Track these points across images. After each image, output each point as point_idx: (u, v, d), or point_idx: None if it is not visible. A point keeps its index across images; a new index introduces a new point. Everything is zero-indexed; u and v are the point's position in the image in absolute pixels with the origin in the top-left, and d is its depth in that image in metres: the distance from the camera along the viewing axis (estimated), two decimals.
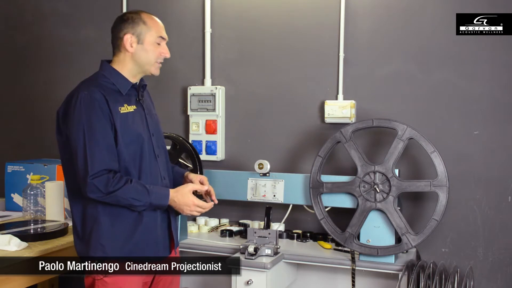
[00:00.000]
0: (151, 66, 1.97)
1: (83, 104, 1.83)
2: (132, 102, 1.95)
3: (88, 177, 1.79)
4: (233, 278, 2.30)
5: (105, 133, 1.83)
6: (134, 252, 1.90)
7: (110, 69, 1.96)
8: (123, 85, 1.94)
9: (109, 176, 1.82)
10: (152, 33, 1.94)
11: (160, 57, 1.98)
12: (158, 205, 1.92)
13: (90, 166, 1.79)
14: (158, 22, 1.99)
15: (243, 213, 2.91)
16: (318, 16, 2.74)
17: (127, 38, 1.93)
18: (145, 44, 1.94)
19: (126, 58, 1.96)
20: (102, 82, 1.91)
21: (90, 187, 1.80)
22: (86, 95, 1.84)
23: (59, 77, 3.37)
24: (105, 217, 1.88)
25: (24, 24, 3.46)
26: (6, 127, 3.54)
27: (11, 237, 2.15)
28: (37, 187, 2.70)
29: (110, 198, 1.82)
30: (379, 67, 2.64)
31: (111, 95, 1.88)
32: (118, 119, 1.86)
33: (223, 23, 2.93)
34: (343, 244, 2.36)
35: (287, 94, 2.82)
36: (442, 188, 2.24)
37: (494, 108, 2.46)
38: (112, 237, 1.88)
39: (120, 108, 1.89)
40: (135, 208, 1.88)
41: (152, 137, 1.99)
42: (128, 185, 1.84)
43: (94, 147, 1.80)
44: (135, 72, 1.97)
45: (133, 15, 1.96)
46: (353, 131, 2.37)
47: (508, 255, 2.45)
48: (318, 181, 2.41)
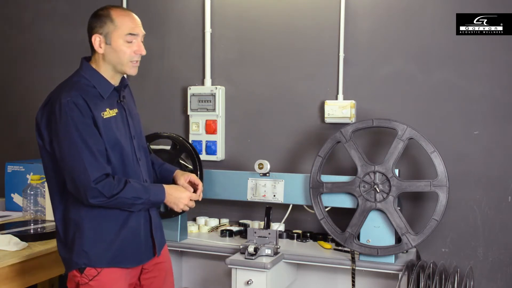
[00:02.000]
0: (124, 66, 1.88)
1: (68, 112, 1.76)
2: (114, 105, 1.89)
3: (91, 182, 1.75)
4: (233, 278, 2.30)
5: (96, 139, 1.79)
6: (118, 255, 1.88)
7: (90, 70, 1.89)
8: (105, 89, 1.87)
9: (109, 179, 1.79)
10: (120, 32, 1.84)
11: (134, 56, 1.87)
12: (156, 202, 1.91)
13: (90, 172, 1.75)
14: (128, 18, 1.87)
15: (243, 213, 2.91)
16: (318, 16, 2.74)
17: (95, 39, 1.86)
18: (113, 44, 1.84)
19: (99, 58, 1.88)
20: (83, 86, 1.84)
21: (93, 192, 1.76)
22: (68, 102, 1.77)
23: (59, 77, 3.35)
24: (88, 222, 1.84)
25: (24, 24, 3.46)
26: (6, 127, 3.54)
27: (11, 237, 2.16)
28: (37, 187, 2.71)
29: (114, 201, 1.80)
30: (379, 67, 2.64)
31: (92, 100, 1.82)
32: (101, 124, 1.81)
33: (223, 23, 2.93)
34: (343, 244, 2.36)
35: (287, 94, 2.82)
36: (442, 188, 2.24)
37: (494, 108, 2.46)
38: (95, 243, 1.85)
39: (102, 113, 1.83)
40: (134, 207, 1.87)
41: (133, 140, 1.95)
42: (128, 185, 1.83)
43: (89, 153, 1.76)
44: (111, 73, 1.90)
45: (102, 12, 1.86)
46: (353, 131, 2.37)
47: (508, 255, 2.45)
48: (318, 181, 2.41)
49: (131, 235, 1.91)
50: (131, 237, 1.91)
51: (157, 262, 2.05)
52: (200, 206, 2.42)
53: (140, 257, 1.96)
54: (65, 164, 1.79)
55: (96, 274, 1.85)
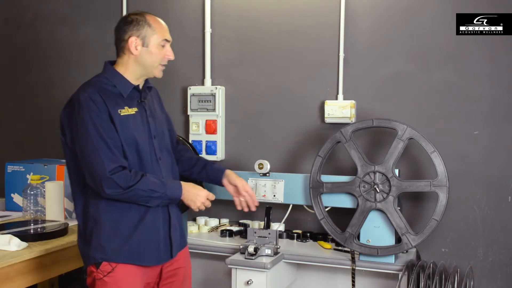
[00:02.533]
0: (155, 69, 1.97)
1: (85, 107, 1.83)
2: (133, 104, 1.95)
3: (106, 173, 1.79)
4: (233, 278, 2.30)
5: (112, 134, 1.84)
6: (135, 251, 1.90)
7: (112, 71, 1.95)
8: (124, 88, 1.93)
9: (126, 171, 1.83)
10: (157, 36, 1.93)
11: (164, 60, 1.98)
12: (172, 197, 1.92)
13: (106, 164, 1.80)
14: (163, 25, 1.98)
15: (243, 213, 2.90)
16: (318, 16, 2.74)
17: (131, 41, 1.92)
18: (150, 47, 1.93)
19: (130, 60, 1.95)
20: (103, 85, 1.91)
21: (109, 183, 1.80)
22: (86, 98, 1.84)
23: (59, 77, 3.37)
24: (106, 217, 1.88)
25: (24, 24, 3.46)
26: (6, 127, 3.54)
27: (11, 237, 2.15)
28: (37, 187, 2.70)
29: (129, 193, 1.83)
30: (379, 67, 2.64)
31: (111, 98, 1.88)
32: (118, 120, 1.86)
33: (223, 23, 2.93)
34: (343, 244, 2.36)
35: (287, 94, 2.82)
36: (442, 188, 2.24)
37: (494, 108, 2.46)
38: (112, 238, 1.88)
39: (120, 110, 1.89)
40: (150, 202, 1.88)
41: (153, 139, 1.98)
42: (145, 178, 1.86)
43: (106, 146, 1.81)
44: (138, 75, 1.97)
45: (138, 17, 1.94)
46: (353, 131, 2.37)
47: (508, 255, 2.45)
48: (318, 181, 2.41)
49: (148, 232, 1.93)
50: (149, 234, 1.93)
51: (177, 267, 2.06)
52: None
53: (158, 257, 1.97)
54: (83, 158, 1.84)
55: (111, 270, 1.88)
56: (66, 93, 3.34)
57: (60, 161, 3.01)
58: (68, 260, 2.32)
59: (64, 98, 3.32)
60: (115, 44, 1.99)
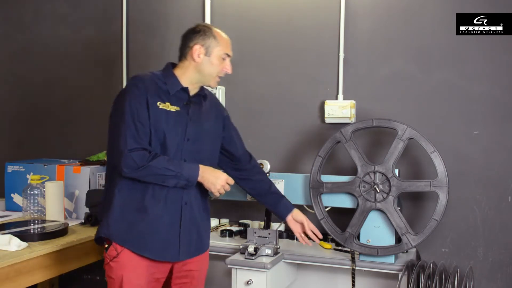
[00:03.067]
0: (212, 79, 2.05)
1: (128, 90, 1.95)
2: (178, 104, 2.01)
3: (126, 150, 1.87)
4: (233, 278, 2.30)
5: (143, 119, 1.92)
6: (138, 241, 1.94)
7: (169, 70, 2.05)
8: (173, 86, 2.01)
9: (145, 152, 1.90)
10: (220, 48, 2.03)
11: (222, 72, 2.06)
12: (189, 178, 1.95)
13: (129, 142, 1.88)
14: (227, 39, 2.08)
15: (243, 213, 2.91)
16: (318, 16, 2.74)
17: (196, 49, 2.01)
18: (211, 57, 2.02)
19: (190, 66, 2.03)
20: (153, 78, 2.00)
21: (127, 159, 1.87)
22: (131, 84, 1.96)
23: (59, 77, 3.38)
24: (119, 198, 1.95)
25: (24, 24, 3.46)
26: (6, 127, 3.54)
27: (11, 237, 2.15)
28: (37, 187, 2.71)
29: (144, 171, 1.88)
30: (379, 67, 2.64)
31: (155, 89, 1.97)
32: (152, 111, 1.93)
33: (223, 23, 2.93)
34: (343, 244, 2.36)
35: (287, 94, 2.82)
36: (442, 188, 2.24)
37: (494, 108, 2.46)
38: (119, 219, 1.94)
39: (159, 103, 1.96)
40: (166, 181, 1.92)
41: (184, 141, 2.01)
42: (161, 157, 1.92)
43: (134, 126, 1.90)
44: (194, 81, 2.04)
45: (205, 28, 2.05)
46: (353, 131, 2.37)
47: (508, 255, 2.46)
48: (318, 181, 2.41)
49: (152, 225, 1.95)
50: (153, 227, 1.95)
51: (190, 269, 2.07)
52: None
53: (163, 253, 1.98)
54: (112, 135, 1.95)
55: (116, 256, 1.94)
56: (66, 93, 3.37)
57: (60, 161, 3.02)
58: (68, 260, 2.32)
59: (64, 98, 3.36)
60: (180, 50, 2.06)
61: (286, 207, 2.26)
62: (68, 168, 2.78)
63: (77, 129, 3.32)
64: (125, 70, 3.16)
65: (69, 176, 2.76)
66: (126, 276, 1.92)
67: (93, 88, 3.27)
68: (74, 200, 2.75)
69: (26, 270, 2.12)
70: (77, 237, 2.36)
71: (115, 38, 3.18)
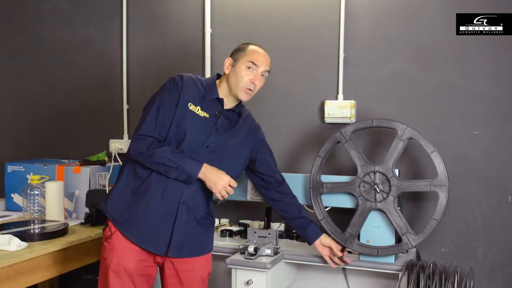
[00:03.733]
0: (239, 90, 2.05)
1: (167, 83, 2.04)
2: (208, 111, 2.05)
3: (138, 134, 1.97)
4: (233, 278, 2.30)
5: (168, 113, 1.99)
6: (129, 224, 1.98)
7: (212, 79, 2.13)
8: (209, 93, 2.07)
9: (154, 140, 1.97)
10: (245, 59, 2.05)
11: (249, 84, 2.05)
12: (189, 172, 1.97)
13: (143, 128, 1.97)
14: (260, 53, 2.08)
15: (243, 213, 2.91)
16: (318, 16, 2.74)
17: (226, 61, 2.11)
18: (236, 67, 2.06)
19: (224, 78, 2.12)
20: (195, 80, 2.08)
21: (136, 142, 1.97)
22: (172, 78, 2.05)
23: (59, 77, 3.38)
24: (123, 179, 2.03)
25: (24, 24, 3.46)
26: (6, 127, 3.54)
27: (11, 237, 2.16)
28: (37, 187, 2.71)
29: (148, 156, 1.95)
30: (379, 67, 2.64)
31: (191, 91, 2.04)
32: (181, 109, 2.00)
33: (223, 23, 2.93)
34: (343, 244, 2.36)
35: (287, 94, 2.82)
36: (442, 188, 2.24)
37: (494, 108, 2.46)
38: (117, 198, 2.02)
39: (190, 104, 2.02)
40: (168, 172, 1.95)
41: (204, 148, 2.03)
42: (168, 147, 1.97)
43: (154, 117, 1.98)
44: (226, 92, 2.09)
45: (243, 45, 2.12)
46: (353, 131, 2.37)
47: (508, 255, 2.46)
48: (318, 181, 2.41)
49: (145, 211, 1.99)
50: (145, 213, 1.99)
51: (192, 269, 2.08)
52: None
53: (148, 242, 2.00)
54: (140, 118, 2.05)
55: (109, 236, 2.00)
56: (66, 93, 3.37)
57: (60, 161, 3.02)
58: (68, 260, 2.32)
59: (64, 98, 3.36)
60: None
61: (315, 232, 2.30)
62: (68, 168, 2.78)
63: (77, 129, 3.32)
64: (125, 70, 3.16)
65: (69, 176, 2.76)
66: (116, 258, 1.97)
67: (93, 88, 3.27)
68: (74, 200, 2.76)
69: (26, 270, 2.12)
70: (77, 237, 2.36)
71: (115, 38, 3.19)
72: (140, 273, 2.00)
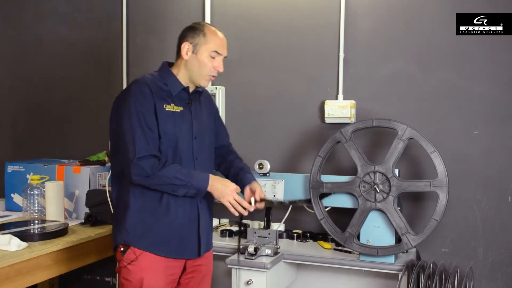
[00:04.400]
0: (201, 77, 2.02)
1: (133, 96, 1.92)
2: (181, 104, 2.02)
3: (135, 158, 1.87)
4: (233, 278, 2.30)
5: (151, 125, 1.92)
6: (157, 241, 1.96)
7: (166, 70, 2.05)
8: (174, 87, 2.01)
9: (155, 160, 1.90)
10: (208, 46, 1.99)
11: (213, 71, 2.02)
12: (198, 188, 1.95)
13: (138, 149, 1.88)
14: (219, 37, 2.03)
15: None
16: (318, 16, 2.74)
17: (184, 46, 2.01)
18: (198, 54, 2.00)
19: (182, 64, 2.03)
20: (155, 80, 2.00)
21: (136, 168, 1.87)
22: (135, 88, 1.94)
23: (59, 77, 3.37)
24: (135, 203, 1.96)
25: (24, 24, 3.46)
26: (6, 127, 3.54)
27: (11, 237, 2.15)
28: (37, 187, 2.70)
29: (154, 179, 1.89)
30: (379, 67, 2.64)
31: (159, 92, 1.97)
32: (161, 114, 1.94)
33: (223, 23, 2.93)
34: (343, 244, 2.36)
35: (287, 94, 2.82)
36: (442, 188, 2.24)
37: (494, 108, 2.46)
38: (137, 224, 1.95)
39: (165, 105, 1.97)
40: (177, 190, 1.92)
41: (193, 140, 2.03)
42: (172, 166, 1.92)
43: (142, 134, 1.89)
44: (187, 79, 2.04)
45: (198, 26, 2.03)
46: (353, 131, 2.37)
47: (508, 255, 2.45)
48: (318, 181, 2.41)
49: (172, 225, 1.98)
50: (172, 226, 1.98)
51: (198, 264, 2.10)
52: None
53: (182, 250, 2.01)
54: (121, 142, 1.93)
55: (135, 259, 1.94)
56: (66, 93, 3.37)
57: (60, 161, 3.01)
58: (68, 260, 2.32)
59: (63, 98, 3.36)
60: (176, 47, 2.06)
61: (250, 179, 2.18)
62: (68, 168, 2.78)
63: (77, 129, 3.32)
64: (125, 70, 3.16)
65: (69, 176, 2.76)
66: (146, 278, 1.94)
67: (93, 88, 3.27)
68: (74, 200, 2.75)
69: (26, 270, 2.12)
70: (77, 237, 2.36)
71: (115, 38, 3.18)
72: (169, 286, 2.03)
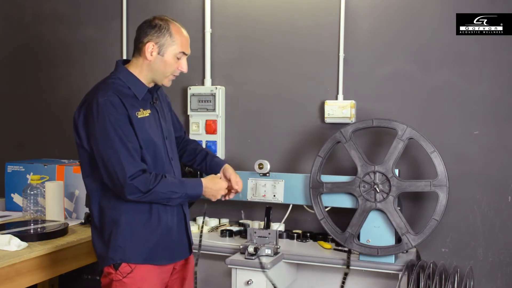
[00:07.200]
0: (165, 78, 1.96)
1: (105, 110, 1.81)
2: (147, 106, 1.95)
3: (127, 179, 1.79)
4: (233, 278, 2.30)
5: (131, 137, 1.84)
6: (153, 252, 1.93)
7: (126, 72, 1.94)
8: (139, 90, 1.93)
9: (146, 175, 1.83)
10: (175, 48, 1.92)
11: (177, 71, 1.97)
12: (193, 195, 1.94)
13: (127, 169, 1.80)
14: (185, 37, 1.95)
15: (243, 213, 2.91)
16: (318, 16, 2.74)
17: (148, 46, 1.91)
18: (165, 56, 1.92)
19: (144, 64, 1.93)
20: (118, 87, 1.89)
21: (130, 188, 1.80)
22: (105, 101, 1.82)
23: (59, 77, 3.37)
24: (125, 219, 1.89)
25: (24, 24, 3.46)
26: (6, 127, 3.54)
27: (11, 237, 2.15)
28: (37, 187, 2.70)
29: (150, 196, 1.84)
30: (379, 67, 2.64)
31: (128, 100, 1.88)
32: (136, 123, 1.87)
33: (223, 23, 2.93)
34: (343, 244, 2.36)
35: (287, 94, 2.82)
36: (442, 188, 2.24)
37: (494, 108, 2.46)
38: (131, 239, 1.90)
39: (137, 113, 1.89)
40: (172, 202, 1.91)
41: (165, 140, 2.01)
42: (164, 180, 1.87)
43: (126, 151, 1.81)
44: (150, 79, 1.96)
45: (162, 23, 1.92)
46: (353, 131, 2.37)
47: (508, 255, 2.45)
48: (318, 181, 2.41)
49: (165, 232, 1.96)
50: (166, 234, 1.96)
51: (186, 262, 2.10)
52: (200, 206, 2.42)
53: (173, 255, 2.01)
54: (102, 161, 1.83)
55: (130, 271, 1.90)
56: (65, 93, 3.37)
57: (60, 161, 3.01)
58: (68, 260, 2.32)
59: (64, 98, 3.36)
60: (134, 43, 1.97)
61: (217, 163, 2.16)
62: (68, 168, 2.78)
63: None
64: None
65: (69, 176, 2.76)
66: None
67: None
68: (74, 200, 2.75)
69: (26, 270, 2.12)
70: (77, 237, 2.36)
71: (115, 38, 3.18)
72: None
